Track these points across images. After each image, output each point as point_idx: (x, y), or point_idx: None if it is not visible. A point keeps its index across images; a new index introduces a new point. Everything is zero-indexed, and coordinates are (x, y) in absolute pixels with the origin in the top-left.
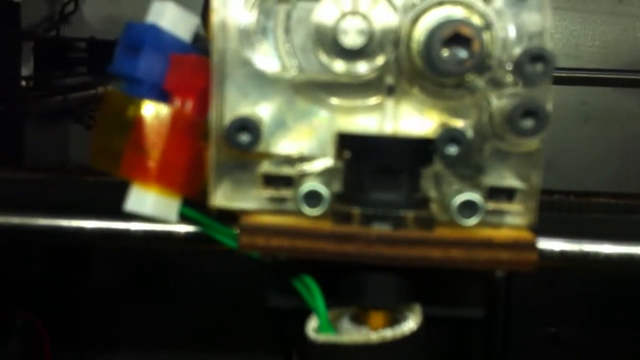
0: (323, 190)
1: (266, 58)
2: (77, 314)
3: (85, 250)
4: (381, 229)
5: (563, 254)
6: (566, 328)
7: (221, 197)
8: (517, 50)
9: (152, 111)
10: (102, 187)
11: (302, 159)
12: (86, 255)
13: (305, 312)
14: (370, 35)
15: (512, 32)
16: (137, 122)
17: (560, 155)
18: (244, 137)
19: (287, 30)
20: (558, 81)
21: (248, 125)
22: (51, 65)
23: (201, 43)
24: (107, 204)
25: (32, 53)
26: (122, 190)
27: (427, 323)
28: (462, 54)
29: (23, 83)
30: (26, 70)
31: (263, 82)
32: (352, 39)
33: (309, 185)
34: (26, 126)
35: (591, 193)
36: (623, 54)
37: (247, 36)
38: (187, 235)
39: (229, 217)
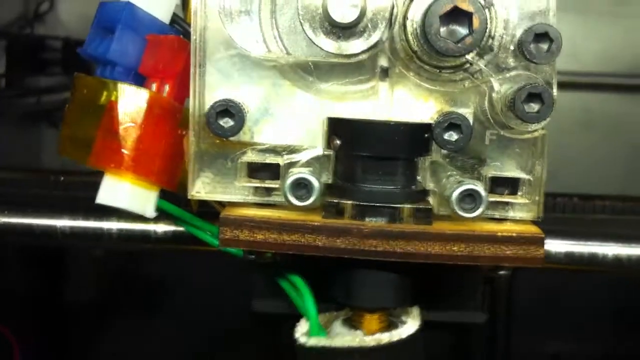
0: (312, 179)
1: (250, 40)
2: (58, 328)
3: (65, 261)
4: (375, 222)
5: (569, 256)
6: (567, 346)
7: (201, 189)
8: (519, 32)
9: (127, 95)
10: (75, 186)
11: (290, 148)
12: (66, 267)
13: (294, 317)
14: (362, 11)
15: (513, 13)
16: (110, 107)
17: (562, 165)
18: (226, 122)
19: (273, 12)
20: (558, 86)
21: (230, 108)
22: (24, 65)
23: (180, 24)
24: (80, 203)
25: (4, 52)
26: (96, 189)
27: (426, 328)
28: (462, 31)
29: None
30: None
31: (247, 65)
32: (342, 13)
33: (297, 174)
34: None
35: (596, 196)
36: (625, 58)
37: (230, 15)
38: (165, 234)
39: (211, 215)
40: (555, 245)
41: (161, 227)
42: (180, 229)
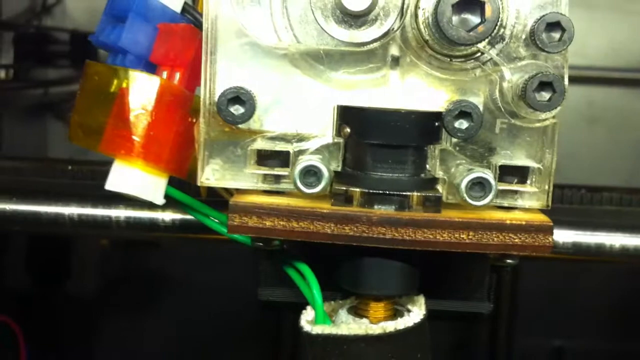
0: (322, 166)
1: (262, 28)
2: (58, 322)
3: (66, 255)
4: (384, 210)
5: (576, 246)
6: (572, 341)
7: (210, 175)
8: (531, 21)
9: (138, 82)
10: (83, 176)
11: (299, 135)
12: (67, 261)
13: (300, 305)
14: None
15: (526, 2)
16: (121, 94)
17: (567, 159)
18: (236, 109)
19: (284, 0)
20: None
21: (241, 96)
22: (32, 57)
23: (191, 13)
24: (89, 191)
25: (12, 44)
26: (104, 178)
27: (432, 317)
28: (474, 20)
29: (2, 74)
30: (6, 61)
31: (258, 54)
32: (354, 1)
33: (307, 161)
34: (4, 117)
35: (603, 187)
36: (632, 53)
37: (241, 3)
38: (173, 222)
39: (220, 204)
40: (563, 236)
41: (169, 215)
42: (189, 217)
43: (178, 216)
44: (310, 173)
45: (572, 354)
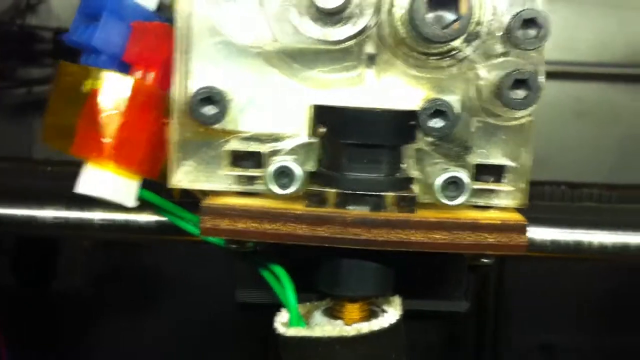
0: (295, 167)
1: (237, 26)
2: (48, 323)
3: (53, 254)
4: (358, 210)
5: (555, 243)
6: (560, 336)
7: (182, 177)
8: (507, 17)
9: (110, 82)
10: (62, 177)
11: (274, 135)
12: (55, 260)
13: (279, 307)
14: None
15: None
16: (92, 95)
17: (554, 153)
18: (209, 110)
19: None
20: (552, 76)
21: (213, 96)
22: (16, 55)
23: (166, 11)
24: (65, 193)
25: None
26: None
27: (412, 317)
28: (449, 17)
29: None
30: None
31: (233, 52)
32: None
33: (280, 162)
34: None
35: (583, 184)
36: (620, 48)
37: (217, 1)
38: (149, 224)
39: (194, 205)
40: (541, 233)
41: (145, 217)
42: (165, 219)
43: (154, 218)
44: (283, 174)
45: (560, 350)
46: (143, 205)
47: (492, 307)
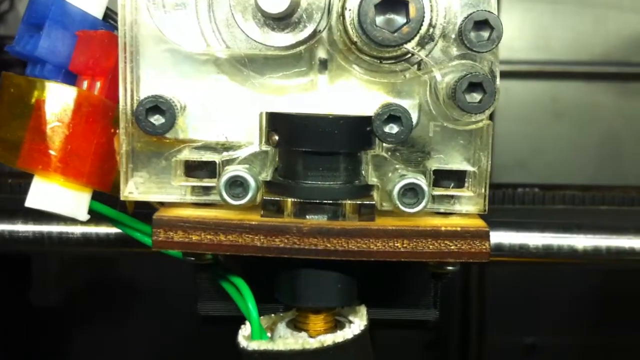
0: (248, 177)
1: (186, 34)
2: (25, 333)
3: (30, 266)
4: (316, 219)
5: (524, 247)
6: (542, 337)
7: (134, 189)
8: (460, 20)
9: (54, 93)
10: (22, 190)
11: (227, 144)
12: (31, 272)
13: (242, 319)
14: (293, 1)
15: (455, 0)
16: (37, 107)
17: (532, 155)
18: (157, 119)
19: (210, 4)
20: (527, 75)
21: (160, 105)
22: None
23: (113, 18)
24: (22, 207)
25: None
26: None
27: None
28: (399, 20)
29: None
30: None
31: (181, 60)
32: (272, 4)
33: (232, 171)
34: None
35: (557, 186)
36: (595, 47)
37: (162, 8)
38: (107, 236)
39: (150, 216)
40: (510, 238)
41: (103, 230)
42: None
43: (113, 230)
44: (237, 184)
45: (543, 351)
46: (101, 217)
47: (475, 309)
